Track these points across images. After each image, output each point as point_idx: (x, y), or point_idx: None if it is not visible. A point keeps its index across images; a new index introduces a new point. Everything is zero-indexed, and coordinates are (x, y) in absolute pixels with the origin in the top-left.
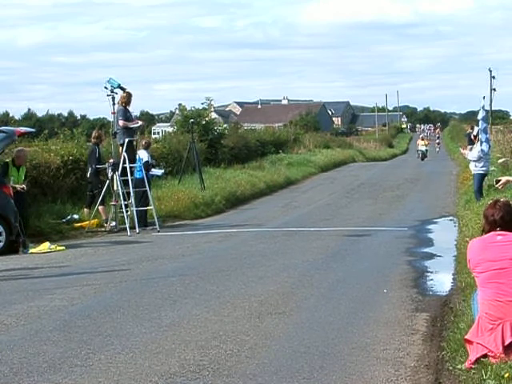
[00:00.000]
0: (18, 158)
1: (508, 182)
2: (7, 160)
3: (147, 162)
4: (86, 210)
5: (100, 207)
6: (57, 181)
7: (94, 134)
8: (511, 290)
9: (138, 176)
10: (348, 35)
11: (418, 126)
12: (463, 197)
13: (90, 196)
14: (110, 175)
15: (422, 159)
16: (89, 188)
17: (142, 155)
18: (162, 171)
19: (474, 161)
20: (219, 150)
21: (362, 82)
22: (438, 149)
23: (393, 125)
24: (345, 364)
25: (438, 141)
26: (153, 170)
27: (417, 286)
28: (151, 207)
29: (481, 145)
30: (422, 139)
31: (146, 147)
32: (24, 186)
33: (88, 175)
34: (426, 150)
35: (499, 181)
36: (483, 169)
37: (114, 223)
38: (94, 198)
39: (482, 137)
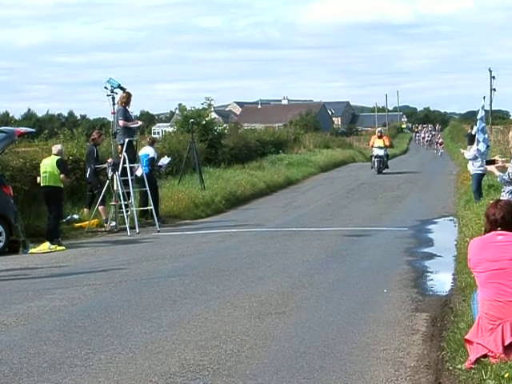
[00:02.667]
0: (61, 154)
1: (493, 172)
2: (58, 156)
3: (153, 158)
4: (85, 210)
5: (100, 207)
6: None
7: (94, 134)
8: (511, 290)
9: (145, 171)
10: (348, 35)
11: (419, 126)
12: (463, 197)
13: (90, 196)
14: (109, 175)
15: (379, 171)
16: (88, 188)
17: (148, 151)
18: (169, 159)
19: (470, 159)
20: (219, 150)
21: (361, 82)
22: (442, 150)
23: (393, 125)
24: (345, 364)
25: (440, 141)
26: (161, 160)
27: (417, 286)
28: (151, 207)
29: (477, 144)
30: (380, 137)
31: (151, 143)
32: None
33: (87, 175)
34: (387, 156)
35: (489, 162)
36: (481, 169)
37: (113, 223)
38: (94, 197)
39: (480, 136)
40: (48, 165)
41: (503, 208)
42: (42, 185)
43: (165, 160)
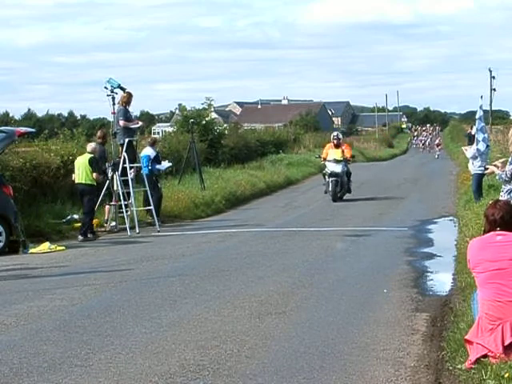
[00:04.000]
0: (94, 152)
1: (493, 172)
2: (91, 155)
3: (156, 156)
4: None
5: (107, 207)
6: (57, 181)
7: (99, 134)
8: (511, 291)
9: (144, 172)
10: (348, 35)
11: (418, 128)
12: (463, 197)
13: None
14: (109, 175)
15: (336, 198)
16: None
17: (148, 152)
18: (169, 165)
19: (470, 158)
20: (219, 150)
21: (361, 82)
22: (438, 152)
23: (393, 125)
24: (345, 364)
25: (437, 142)
26: (158, 165)
27: (417, 286)
28: (151, 207)
29: (477, 144)
30: (337, 145)
31: (152, 144)
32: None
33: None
34: (348, 174)
35: (488, 168)
36: (481, 168)
37: (113, 223)
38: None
39: (479, 136)
40: (81, 163)
41: (502, 208)
42: (76, 182)
43: (166, 164)
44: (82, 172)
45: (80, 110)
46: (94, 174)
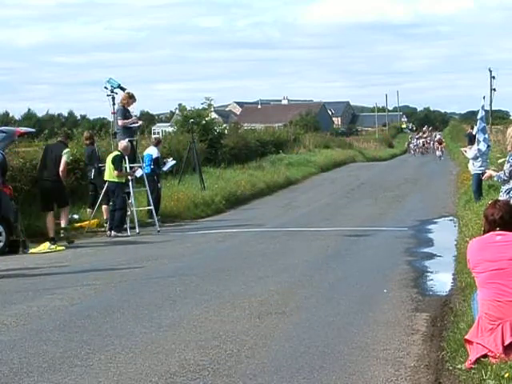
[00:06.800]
0: (125, 150)
1: (491, 176)
2: (118, 152)
3: (157, 158)
4: (89, 210)
5: (104, 206)
6: None
7: (85, 135)
8: (511, 291)
9: (146, 171)
10: (348, 35)
11: (417, 131)
12: (463, 197)
13: (93, 196)
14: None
15: None
16: (91, 188)
17: (152, 151)
18: (173, 163)
19: (471, 158)
20: (219, 150)
21: (361, 82)
22: (439, 152)
23: (393, 125)
24: (345, 364)
25: (437, 138)
26: (163, 166)
27: (417, 286)
28: (151, 207)
29: (478, 144)
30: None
31: (156, 144)
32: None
33: (92, 176)
34: None
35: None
36: (481, 168)
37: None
38: (96, 197)
39: (480, 136)
40: (108, 160)
41: (502, 208)
42: (105, 179)
43: (170, 162)
44: (108, 169)
45: (80, 110)
46: (115, 172)
